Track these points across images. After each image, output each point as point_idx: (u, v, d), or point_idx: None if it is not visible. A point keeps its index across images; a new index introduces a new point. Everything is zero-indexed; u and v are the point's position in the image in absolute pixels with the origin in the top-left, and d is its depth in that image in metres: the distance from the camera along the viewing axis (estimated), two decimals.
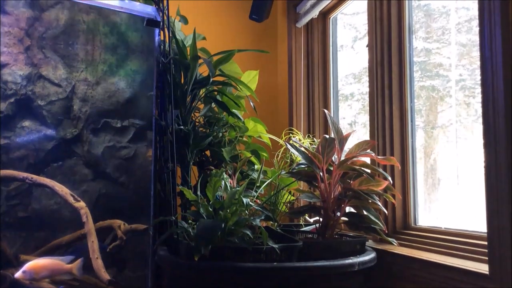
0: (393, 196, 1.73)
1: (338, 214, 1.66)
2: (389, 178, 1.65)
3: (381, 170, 1.71)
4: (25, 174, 1.73)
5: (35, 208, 1.77)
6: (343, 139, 1.66)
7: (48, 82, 1.82)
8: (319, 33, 2.78)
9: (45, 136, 1.81)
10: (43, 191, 1.77)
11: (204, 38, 2.27)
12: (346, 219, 1.69)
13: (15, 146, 1.75)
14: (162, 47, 1.99)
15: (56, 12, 1.83)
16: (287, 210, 1.91)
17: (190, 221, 1.57)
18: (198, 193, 1.55)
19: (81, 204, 1.74)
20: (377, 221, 1.61)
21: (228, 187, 1.55)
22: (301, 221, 2.08)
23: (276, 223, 1.72)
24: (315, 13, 2.65)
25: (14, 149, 1.75)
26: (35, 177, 1.74)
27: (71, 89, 1.85)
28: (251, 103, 2.18)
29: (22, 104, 1.78)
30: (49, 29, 1.83)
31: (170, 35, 1.98)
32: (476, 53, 1.67)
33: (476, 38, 1.46)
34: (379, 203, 1.63)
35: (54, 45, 1.83)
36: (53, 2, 1.82)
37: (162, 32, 1.99)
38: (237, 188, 1.52)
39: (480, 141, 1.33)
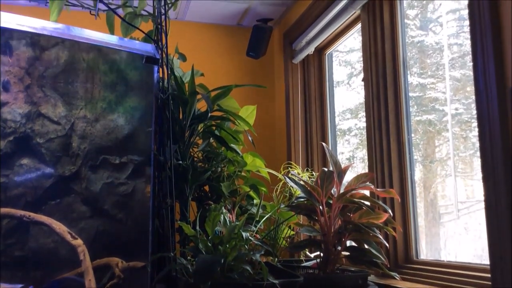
0: (394, 229, 1.72)
1: (339, 248, 1.64)
2: (389, 211, 1.65)
3: (381, 202, 1.71)
4: (22, 212, 1.72)
5: (32, 247, 1.74)
6: (341, 172, 1.66)
7: (47, 120, 1.82)
8: (315, 68, 2.82)
9: (43, 174, 1.80)
10: (41, 229, 1.75)
11: (202, 75, 2.30)
12: (347, 253, 1.67)
13: (13, 184, 1.74)
14: (161, 83, 2.01)
15: (56, 51, 1.86)
16: (287, 245, 1.89)
17: (189, 257, 1.55)
18: (197, 228, 1.54)
19: (79, 242, 1.71)
20: (378, 254, 1.60)
21: (227, 222, 1.53)
22: (301, 256, 2.06)
23: (276, 258, 1.70)
24: (310, 50, 2.70)
25: (12, 187, 1.74)
26: (32, 215, 1.72)
27: (70, 127, 1.86)
28: (250, 138, 2.19)
29: (21, 142, 1.78)
30: (49, 68, 1.85)
31: (169, 72, 2.01)
32: (470, 88, 1.70)
33: (470, 73, 1.48)
34: (380, 236, 1.62)
35: (54, 84, 1.85)
36: (54, 42, 1.86)
37: (161, 69, 2.01)
38: (237, 223, 1.51)
39: (479, 174, 1.33)
